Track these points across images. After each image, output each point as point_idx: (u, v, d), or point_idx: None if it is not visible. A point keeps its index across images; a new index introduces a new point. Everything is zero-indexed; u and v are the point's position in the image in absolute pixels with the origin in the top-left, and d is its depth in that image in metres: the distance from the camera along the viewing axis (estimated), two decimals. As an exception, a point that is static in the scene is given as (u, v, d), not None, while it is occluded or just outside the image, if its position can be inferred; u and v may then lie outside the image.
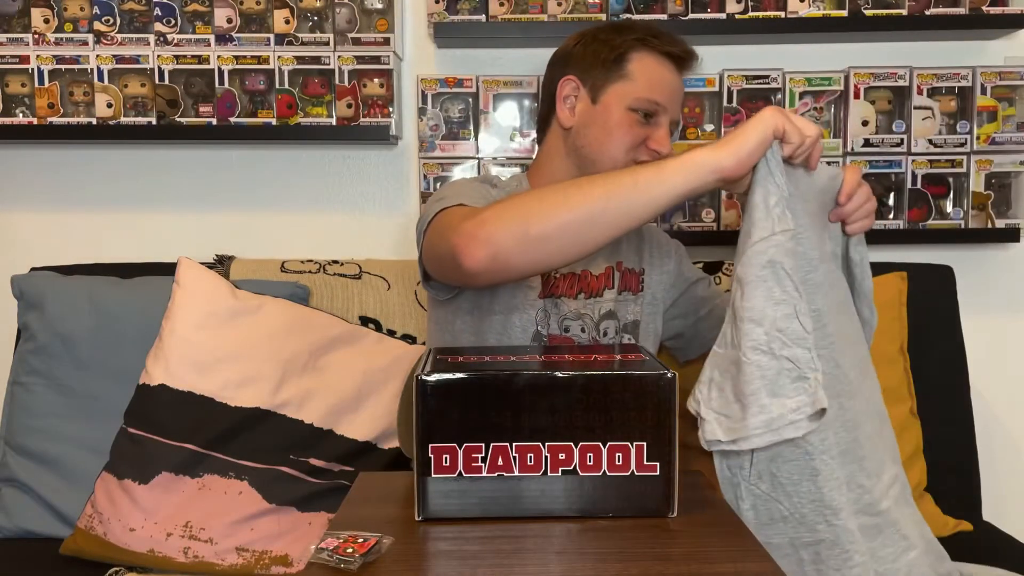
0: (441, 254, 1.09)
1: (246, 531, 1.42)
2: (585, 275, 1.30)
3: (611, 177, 1.00)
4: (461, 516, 0.88)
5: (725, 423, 0.97)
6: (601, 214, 0.98)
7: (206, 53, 1.76)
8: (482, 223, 1.00)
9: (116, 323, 1.61)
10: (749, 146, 0.99)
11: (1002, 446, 1.88)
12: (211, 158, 1.88)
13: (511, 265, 1.00)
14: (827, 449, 1.00)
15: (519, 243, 0.99)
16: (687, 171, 0.98)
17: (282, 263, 1.72)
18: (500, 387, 0.86)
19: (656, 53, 1.25)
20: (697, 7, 1.73)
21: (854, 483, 1.04)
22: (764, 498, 1.01)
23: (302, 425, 1.50)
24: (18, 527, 1.56)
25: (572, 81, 1.27)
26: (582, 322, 1.29)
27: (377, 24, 1.76)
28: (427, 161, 1.80)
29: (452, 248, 1.01)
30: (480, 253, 0.99)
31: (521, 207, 1.00)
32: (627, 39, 1.25)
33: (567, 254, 1.01)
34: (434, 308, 1.33)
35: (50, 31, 1.76)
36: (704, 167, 0.98)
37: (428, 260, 1.18)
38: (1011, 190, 1.77)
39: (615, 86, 1.24)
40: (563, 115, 1.28)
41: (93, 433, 1.56)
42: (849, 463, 1.03)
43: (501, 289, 1.24)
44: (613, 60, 1.24)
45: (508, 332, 1.26)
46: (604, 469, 0.87)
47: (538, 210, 0.99)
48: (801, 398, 0.94)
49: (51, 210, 1.90)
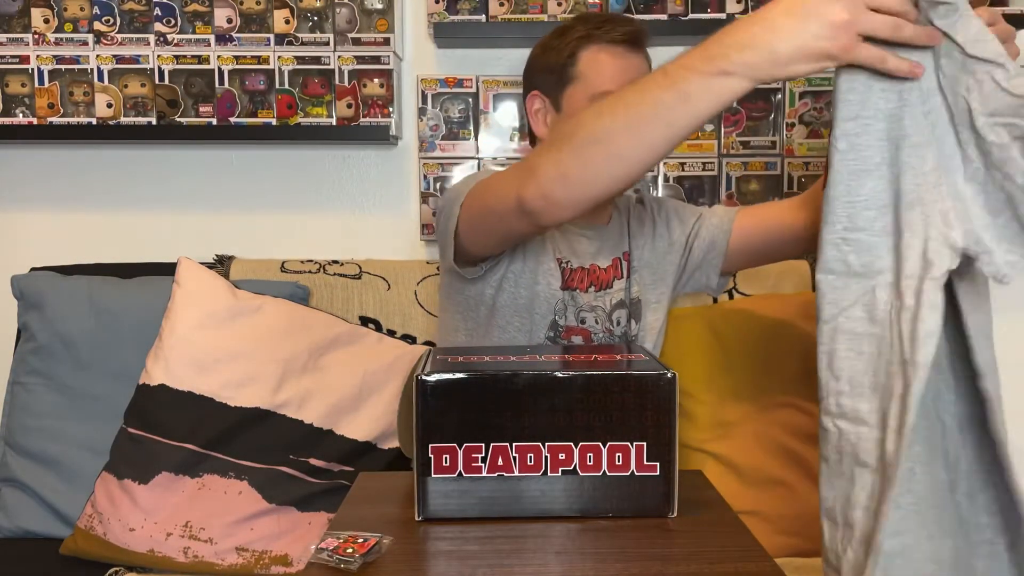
0: (495, 209, 1.10)
1: (246, 531, 1.42)
2: (594, 269, 1.32)
3: (633, 105, 0.90)
4: (461, 516, 0.87)
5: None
6: (630, 149, 0.92)
7: (206, 53, 1.76)
8: (532, 168, 1.00)
9: (116, 323, 1.61)
10: (780, 56, 0.80)
11: (1002, 446, 1.88)
12: (211, 158, 1.88)
13: (560, 201, 0.99)
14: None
15: (563, 185, 0.97)
16: (713, 93, 0.85)
17: (282, 263, 1.72)
18: (500, 387, 0.86)
19: (601, 43, 1.25)
20: (697, 7, 1.73)
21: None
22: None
23: (302, 425, 1.50)
24: (18, 527, 1.56)
25: (537, 96, 1.32)
26: (595, 314, 1.31)
27: (377, 24, 1.76)
28: (427, 161, 1.80)
29: (515, 192, 1.02)
30: (534, 192, 0.99)
31: (557, 148, 0.98)
32: (570, 40, 1.27)
33: (608, 186, 0.97)
34: (452, 298, 1.33)
35: (50, 31, 1.76)
36: (726, 90, 0.85)
37: (467, 232, 1.19)
38: (1011, 190, 1.77)
39: (569, 90, 1.27)
40: (538, 128, 1.33)
41: (93, 433, 1.56)
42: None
43: (526, 278, 1.27)
44: (562, 66, 1.27)
45: (531, 320, 1.28)
46: (604, 469, 0.87)
47: (569, 152, 0.96)
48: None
49: (51, 210, 1.90)
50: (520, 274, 1.27)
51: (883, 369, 0.80)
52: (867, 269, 0.81)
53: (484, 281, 1.28)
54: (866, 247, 0.81)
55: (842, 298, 0.81)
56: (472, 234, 1.19)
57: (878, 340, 0.80)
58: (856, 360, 0.81)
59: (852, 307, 0.81)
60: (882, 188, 0.80)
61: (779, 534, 1.39)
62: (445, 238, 1.23)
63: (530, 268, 1.27)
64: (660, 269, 1.39)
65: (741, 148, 1.78)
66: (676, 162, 1.78)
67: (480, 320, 1.30)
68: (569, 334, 1.30)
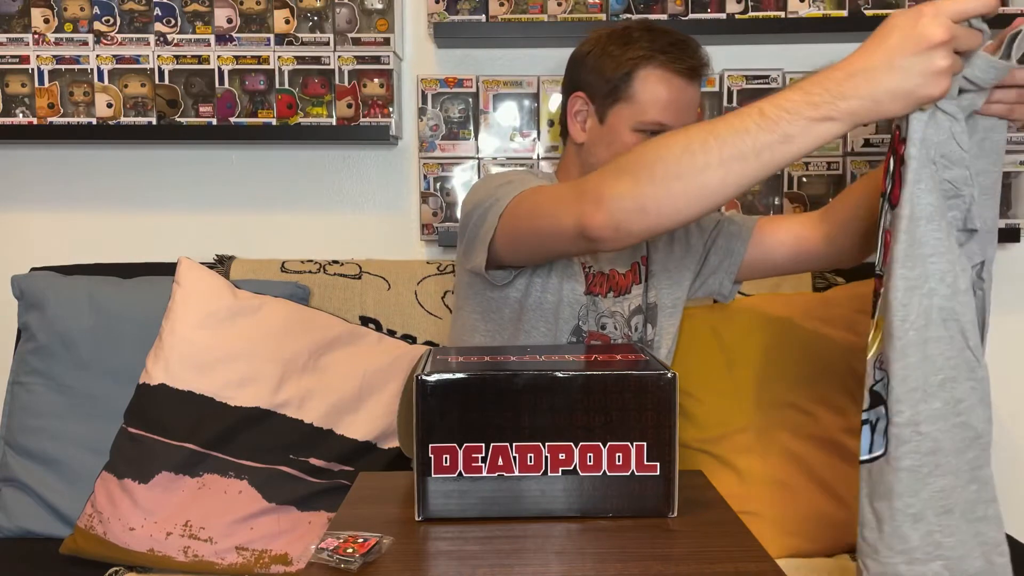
0: (546, 231, 1.09)
1: (246, 530, 1.42)
2: (613, 274, 1.32)
3: (728, 143, 0.91)
4: (461, 516, 0.88)
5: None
6: (719, 185, 0.93)
7: (206, 53, 1.76)
8: (600, 197, 0.99)
9: (116, 323, 1.61)
10: (882, 103, 0.86)
11: (1002, 447, 1.88)
12: (211, 158, 1.88)
13: (633, 232, 1.00)
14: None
15: (639, 216, 0.98)
16: (814, 136, 0.89)
17: (282, 263, 1.72)
18: (500, 387, 0.86)
19: (663, 70, 1.23)
20: (697, 7, 1.73)
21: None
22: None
23: (302, 425, 1.50)
24: (18, 527, 1.56)
25: (581, 98, 1.29)
26: (614, 320, 1.31)
27: (377, 24, 1.76)
28: (427, 161, 1.80)
29: (576, 219, 1.01)
30: (604, 222, 0.99)
31: (635, 178, 0.98)
32: (633, 56, 1.24)
33: (686, 218, 0.98)
34: (473, 298, 1.31)
35: (50, 31, 1.76)
36: (828, 134, 0.89)
37: (504, 244, 1.17)
38: (1011, 190, 1.77)
39: (619, 107, 1.25)
40: (574, 131, 1.31)
41: (93, 433, 1.56)
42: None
43: (552, 283, 1.27)
44: (618, 80, 1.24)
45: (556, 324, 1.27)
46: (604, 469, 0.87)
47: (650, 185, 0.96)
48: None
49: (51, 210, 1.90)
50: (547, 278, 1.27)
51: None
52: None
53: (511, 286, 1.27)
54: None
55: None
56: (511, 246, 1.17)
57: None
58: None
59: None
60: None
61: (779, 534, 1.39)
62: (476, 243, 1.20)
63: (556, 273, 1.27)
64: (676, 274, 1.38)
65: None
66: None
67: (503, 322, 1.29)
68: (590, 339, 1.30)
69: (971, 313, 0.91)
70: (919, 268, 0.88)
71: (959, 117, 0.88)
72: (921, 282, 0.88)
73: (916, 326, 0.88)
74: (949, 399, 0.89)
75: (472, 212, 1.21)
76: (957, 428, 0.90)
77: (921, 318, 0.88)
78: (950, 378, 0.89)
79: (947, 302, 0.89)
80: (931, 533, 0.89)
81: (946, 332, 0.89)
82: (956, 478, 0.90)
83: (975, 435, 0.92)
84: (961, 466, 0.91)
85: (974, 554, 0.90)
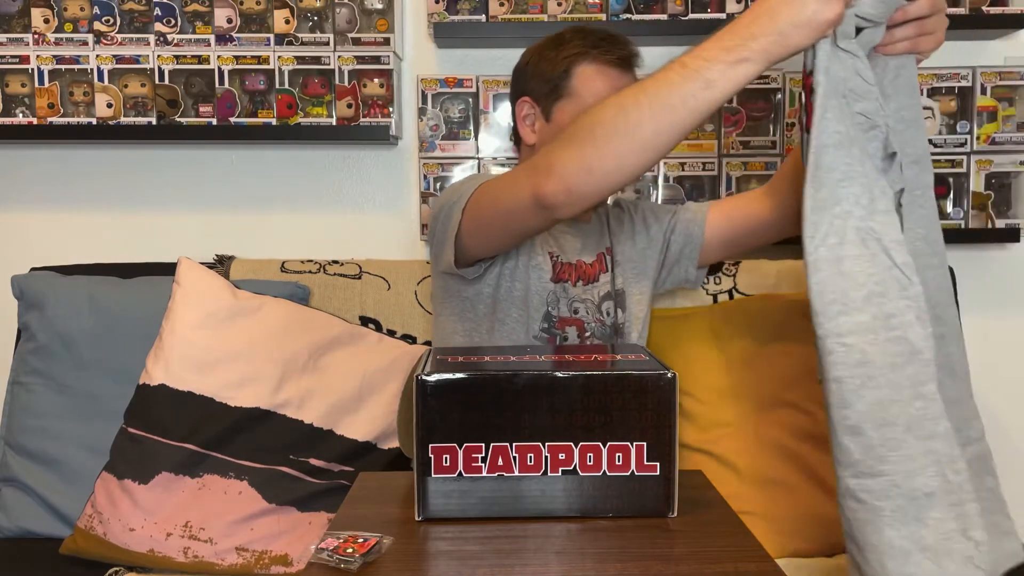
0: (508, 208, 1.16)
1: (246, 531, 1.42)
2: (580, 264, 1.39)
3: (657, 97, 1.00)
4: (461, 516, 0.88)
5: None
6: (654, 137, 1.01)
7: (206, 53, 1.76)
8: (549, 166, 1.07)
9: (116, 323, 1.61)
10: (786, 41, 0.94)
11: (1002, 446, 1.87)
12: (211, 158, 1.88)
13: (584, 194, 1.07)
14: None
15: (586, 177, 1.05)
16: (732, 79, 0.97)
17: (282, 263, 1.72)
18: (500, 387, 0.86)
19: (597, 63, 1.31)
20: (697, 7, 1.73)
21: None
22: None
23: (302, 425, 1.50)
24: (18, 527, 1.56)
25: (527, 102, 1.37)
26: (585, 305, 1.37)
27: (377, 24, 1.76)
28: (427, 161, 1.80)
29: (531, 189, 1.09)
30: (556, 187, 1.06)
31: (578, 144, 1.05)
32: (568, 55, 1.32)
33: (630, 173, 1.06)
34: (448, 301, 1.37)
35: (50, 31, 1.76)
36: (745, 75, 0.97)
37: (471, 234, 1.23)
38: (1011, 190, 1.77)
39: (562, 103, 1.33)
40: (525, 134, 1.38)
41: (93, 433, 1.56)
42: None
43: (520, 272, 1.33)
44: (558, 78, 1.32)
45: (527, 312, 1.32)
46: (604, 469, 0.87)
47: (592, 146, 1.03)
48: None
49: (51, 210, 1.90)
50: (514, 269, 1.33)
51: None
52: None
53: (482, 280, 1.32)
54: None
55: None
56: (477, 235, 1.23)
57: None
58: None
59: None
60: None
61: (779, 534, 1.39)
62: (443, 242, 1.27)
63: (523, 263, 1.33)
64: (641, 264, 1.45)
65: (741, 148, 1.78)
66: (676, 162, 1.78)
67: (479, 318, 1.34)
68: (563, 324, 1.35)
69: (895, 233, 0.93)
70: (825, 190, 0.93)
71: (859, 54, 0.95)
72: (831, 204, 0.93)
73: (827, 243, 0.92)
74: (878, 313, 0.91)
75: (438, 215, 1.28)
76: (891, 343, 0.91)
77: (833, 236, 0.92)
78: (876, 293, 0.91)
79: (863, 222, 0.93)
80: (872, 447, 0.90)
81: (866, 250, 0.92)
82: (894, 392, 0.90)
83: (913, 350, 0.91)
84: (900, 381, 0.90)
85: (928, 472, 0.89)
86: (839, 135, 0.94)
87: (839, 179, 0.94)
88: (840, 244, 0.92)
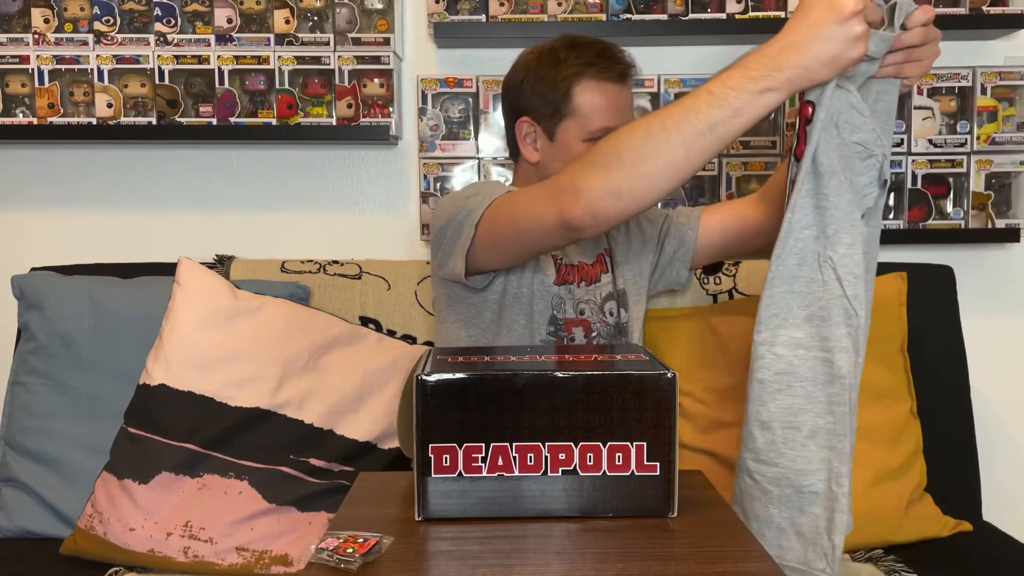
0: (528, 229, 1.18)
1: (246, 531, 1.42)
2: (582, 265, 1.39)
3: (685, 123, 1.02)
4: (461, 516, 0.88)
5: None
6: (683, 163, 1.04)
7: (206, 53, 1.76)
8: (576, 190, 1.09)
9: (116, 323, 1.61)
10: (816, 69, 0.98)
11: (1002, 446, 1.88)
12: (211, 158, 1.88)
13: (610, 217, 1.10)
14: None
15: (613, 201, 1.07)
16: (758, 107, 1.00)
17: (282, 263, 1.72)
18: (500, 387, 0.86)
19: (596, 80, 1.32)
20: (697, 7, 1.73)
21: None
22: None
23: (302, 425, 1.50)
24: (18, 527, 1.56)
25: (527, 122, 1.37)
26: (590, 306, 1.38)
27: (377, 24, 1.76)
28: (427, 161, 1.80)
29: (556, 212, 1.11)
30: (583, 211, 1.09)
31: (603, 168, 1.07)
32: (566, 75, 1.32)
33: (656, 197, 1.08)
34: (453, 308, 1.37)
35: (50, 31, 1.76)
36: (769, 104, 1.01)
37: (485, 250, 1.24)
38: (1011, 190, 1.77)
39: (566, 123, 1.33)
40: (528, 152, 1.38)
41: (93, 433, 1.56)
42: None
43: (525, 277, 1.33)
44: (559, 99, 1.33)
45: (532, 316, 1.33)
46: (604, 469, 0.87)
47: (618, 171, 1.06)
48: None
49: (51, 210, 1.90)
50: (520, 274, 1.33)
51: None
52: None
53: (489, 288, 1.33)
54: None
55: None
56: (491, 251, 1.24)
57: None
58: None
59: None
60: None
61: (779, 534, 1.39)
62: (454, 254, 1.26)
63: (528, 268, 1.33)
64: (637, 264, 1.47)
65: (741, 148, 1.78)
66: (676, 162, 1.77)
67: (484, 325, 1.35)
68: (569, 326, 1.35)
69: (853, 266, 1.01)
70: (799, 213, 1.02)
71: (852, 89, 1.01)
72: (800, 227, 1.01)
73: (787, 263, 1.02)
74: (815, 334, 1.02)
75: (446, 226, 1.28)
76: (819, 362, 1.03)
77: (794, 257, 1.02)
78: (819, 316, 1.02)
79: (825, 250, 1.01)
80: (774, 442, 1.04)
81: (820, 276, 1.02)
82: (808, 403, 1.02)
83: (837, 374, 1.02)
84: (817, 395, 1.03)
85: (818, 476, 1.03)
86: (823, 167, 1.00)
87: (814, 206, 1.01)
88: (799, 266, 1.02)
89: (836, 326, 1.01)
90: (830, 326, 1.01)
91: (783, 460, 1.03)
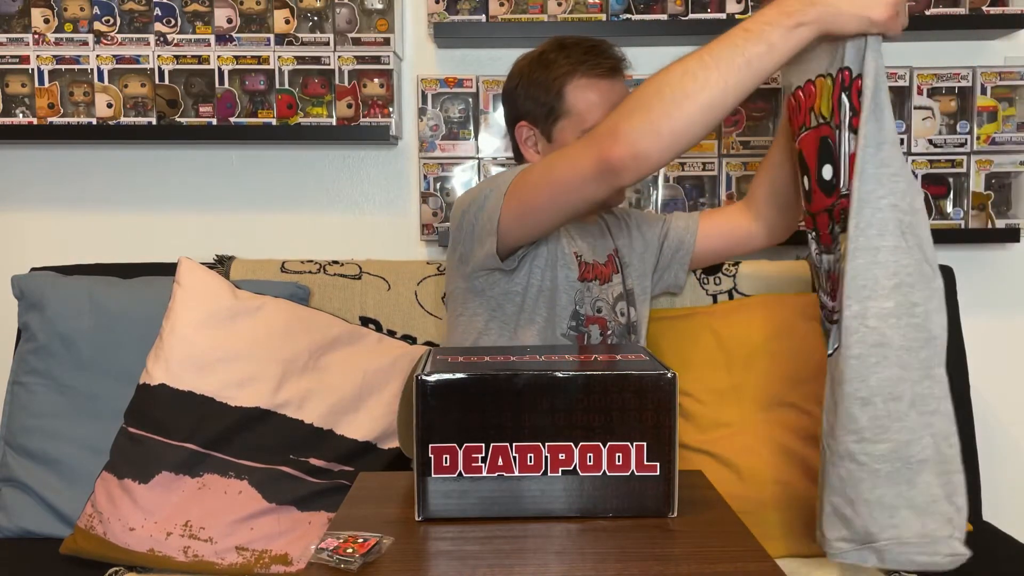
0: (565, 180, 1.17)
1: (246, 530, 1.42)
2: (596, 264, 1.40)
3: (723, 59, 1.05)
4: (461, 516, 0.88)
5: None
6: (721, 98, 1.06)
7: (206, 53, 1.76)
8: (615, 132, 1.10)
9: (116, 323, 1.61)
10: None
11: (1002, 446, 1.88)
12: (211, 158, 1.88)
13: (651, 156, 1.09)
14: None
15: (655, 139, 1.08)
16: (790, 42, 1.05)
17: (282, 263, 1.72)
18: (500, 387, 0.86)
19: (587, 78, 1.33)
20: (697, 7, 1.73)
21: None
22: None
23: (302, 425, 1.50)
24: (18, 527, 1.56)
25: (525, 126, 1.39)
26: (605, 304, 1.40)
27: (377, 24, 1.76)
28: (427, 161, 1.80)
29: (595, 155, 1.11)
30: (623, 151, 1.09)
31: (644, 108, 1.08)
32: (556, 75, 1.34)
33: (694, 137, 1.09)
34: (473, 299, 1.35)
35: (50, 31, 1.76)
36: (802, 38, 1.05)
37: (512, 220, 1.23)
38: (1011, 190, 1.77)
39: (562, 124, 1.35)
40: (530, 156, 1.40)
41: (93, 433, 1.56)
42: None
43: (548, 270, 1.34)
44: (552, 101, 1.34)
45: (554, 310, 1.34)
46: (604, 469, 0.87)
47: (660, 108, 1.07)
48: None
49: (51, 210, 1.90)
50: (544, 267, 1.34)
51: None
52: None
53: (514, 276, 1.32)
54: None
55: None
56: (521, 220, 1.23)
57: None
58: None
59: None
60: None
61: (779, 534, 1.39)
62: (481, 235, 1.26)
63: (551, 260, 1.34)
64: (640, 266, 1.50)
65: (741, 148, 1.78)
66: (676, 162, 1.77)
67: (507, 317, 1.34)
68: (589, 323, 1.37)
69: (927, 231, 1.04)
70: (871, 184, 1.02)
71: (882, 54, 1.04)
72: (876, 197, 1.02)
73: (867, 234, 1.02)
74: (903, 301, 1.02)
75: (465, 214, 1.28)
76: (911, 328, 1.03)
77: (874, 227, 1.03)
78: (906, 283, 1.02)
79: (906, 216, 1.02)
80: (878, 417, 1.03)
81: (904, 243, 1.03)
82: (905, 371, 1.02)
83: (930, 336, 1.04)
84: (912, 362, 1.03)
85: (924, 442, 1.03)
86: (892, 132, 1.02)
87: (891, 174, 1.02)
88: (880, 235, 1.02)
89: (921, 289, 1.02)
90: (915, 290, 1.02)
91: (889, 434, 1.02)
